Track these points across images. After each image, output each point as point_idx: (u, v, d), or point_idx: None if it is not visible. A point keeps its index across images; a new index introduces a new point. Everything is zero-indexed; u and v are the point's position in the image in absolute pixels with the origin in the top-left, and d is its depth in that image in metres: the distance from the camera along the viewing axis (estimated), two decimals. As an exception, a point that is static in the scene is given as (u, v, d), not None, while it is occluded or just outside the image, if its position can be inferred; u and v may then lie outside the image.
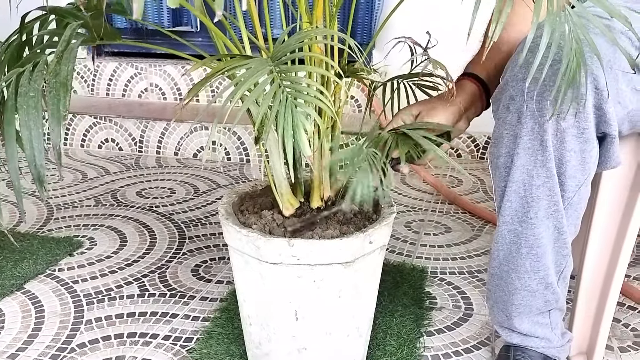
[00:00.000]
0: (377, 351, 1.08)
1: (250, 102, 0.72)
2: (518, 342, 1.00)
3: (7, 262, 1.38)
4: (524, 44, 0.88)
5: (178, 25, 2.44)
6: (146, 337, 1.15)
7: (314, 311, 0.91)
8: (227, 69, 0.73)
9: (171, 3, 0.40)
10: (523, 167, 0.87)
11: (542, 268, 0.92)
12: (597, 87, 0.80)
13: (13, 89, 0.73)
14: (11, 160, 0.69)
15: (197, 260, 1.45)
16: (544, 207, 0.87)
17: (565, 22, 0.63)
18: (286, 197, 0.94)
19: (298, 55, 0.77)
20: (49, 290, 1.31)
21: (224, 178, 2.03)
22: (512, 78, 0.87)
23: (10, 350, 1.11)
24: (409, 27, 1.05)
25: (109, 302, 1.27)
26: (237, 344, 1.10)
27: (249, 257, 0.90)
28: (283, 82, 0.72)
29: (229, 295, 1.28)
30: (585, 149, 0.84)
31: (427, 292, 1.32)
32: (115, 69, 2.48)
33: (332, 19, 0.88)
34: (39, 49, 0.86)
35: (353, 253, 0.88)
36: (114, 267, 1.41)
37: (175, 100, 2.44)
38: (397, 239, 1.57)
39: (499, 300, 0.99)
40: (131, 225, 1.64)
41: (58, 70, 0.67)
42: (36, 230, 1.59)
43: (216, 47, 0.90)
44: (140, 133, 2.27)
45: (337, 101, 0.95)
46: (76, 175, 2.05)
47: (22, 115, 0.70)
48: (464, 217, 1.72)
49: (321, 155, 0.94)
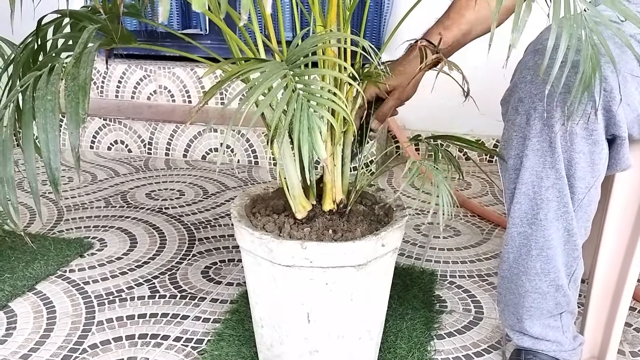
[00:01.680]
0: (387, 354, 1.08)
1: (265, 106, 0.72)
2: (529, 345, 1.00)
3: (18, 262, 1.39)
4: (534, 47, 0.88)
5: (187, 28, 2.45)
6: (157, 338, 1.16)
7: (326, 314, 0.91)
8: (243, 72, 0.73)
9: (196, 6, 0.40)
10: (532, 169, 0.87)
11: (552, 270, 0.92)
12: (605, 89, 0.80)
13: (30, 93, 0.73)
14: (29, 163, 0.69)
15: (207, 262, 1.46)
16: (553, 209, 0.87)
17: (582, 28, 0.63)
18: (299, 200, 0.95)
19: (312, 58, 0.78)
20: (60, 291, 1.32)
21: (233, 180, 2.03)
22: (520, 80, 0.87)
23: (23, 351, 1.12)
24: (417, 30, 1.05)
25: (120, 303, 1.28)
26: (248, 346, 1.10)
27: (261, 259, 0.90)
28: (297, 85, 0.73)
29: (240, 297, 1.29)
30: (594, 150, 0.84)
31: (437, 295, 1.32)
32: (124, 71, 2.49)
33: (346, 23, 0.88)
34: (54, 52, 0.87)
35: (365, 256, 0.88)
36: (125, 269, 1.42)
37: (184, 103, 2.45)
38: (407, 242, 1.57)
39: (509, 303, 0.99)
40: (141, 227, 1.65)
41: (76, 74, 0.67)
42: (47, 232, 1.60)
43: (230, 50, 0.90)
44: (149, 135, 2.28)
45: (350, 104, 0.96)
46: (86, 176, 2.06)
47: (40, 119, 0.70)
48: (473, 221, 1.72)
49: (334, 158, 0.95)
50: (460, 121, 2.22)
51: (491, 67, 1.23)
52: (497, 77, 1.08)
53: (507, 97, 0.90)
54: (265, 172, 2.13)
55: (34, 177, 0.71)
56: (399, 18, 0.97)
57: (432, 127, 2.25)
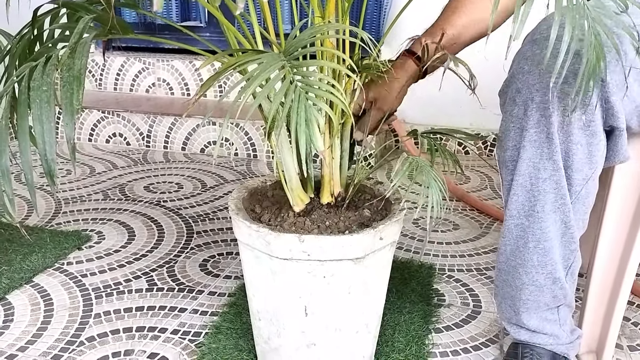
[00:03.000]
0: (385, 347, 1.08)
1: (262, 98, 0.72)
2: (526, 338, 1.00)
3: (16, 255, 1.39)
4: (532, 37, 0.88)
5: (186, 20, 2.44)
6: (155, 331, 1.16)
7: (323, 307, 0.91)
8: (240, 63, 0.73)
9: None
10: (529, 160, 0.86)
11: (549, 263, 0.91)
12: (603, 79, 0.79)
13: (26, 83, 0.73)
14: (24, 154, 0.69)
15: (205, 255, 1.45)
16: (550, 201, 0.87)
17: (584, 18, 0.62)
18: (296, 193, 0.94)
19: (310, 50, 0.77)
20: (58, 283, 1.31)
21: (232, 173, 2.03)
22: (518, 71, 0.86)
23: (20, 343, 1.11)
24: (417, 23, 1.05)
25: (118, 296, 1.27)
26: (246, 339, 1.10)
27: (259, 252, 0.90)
28: (295, 76, 0.72)
29: (237, 290, 1.28)
30: (592, 142, 0.84)
31: (435, 289, 1.31)
32: (123, 64, 2.48)
33: (344, 14, 0.88)
34: (50, 43, 0.86)
35: (363, 249, 0.88)
36: (123, 261, 1.41)
37: (182, 96, 2.44)
38: (405, 236, 1.57)
39: (506, 296, 0.99)
40: (139, 220, 1.64)
41: (71, 64, 0.67)
42: (45, 224, 1.60)
43: (227, 41, 0.89)
44: (147, 128, 2.28)
45: (349, 96, 0.95)
46: (84, 169, 2.05)
47: (35, 110, 0.70)
48: (472, 215, 1.72)
49: (332, 150, 0.94)
50: (460, 115, 2.21)
51: (490, 60, 1.22)
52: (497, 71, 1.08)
53: (504, 88, 0.90)
54: (264, 166, 2.12)
55: (29, 168, 0.70)
56: (399, 10, 0.96)
57: (431, 120, 2.25)
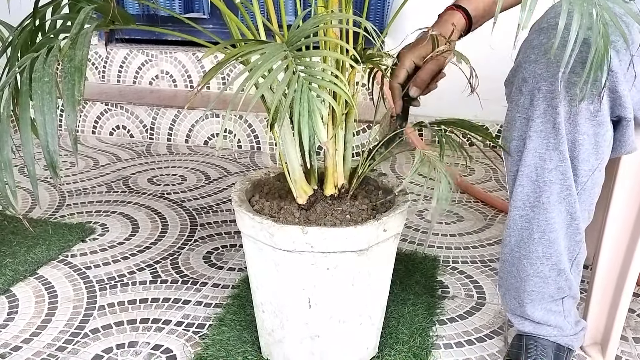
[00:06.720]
0: (389, 339, 1.08)
1: (265, 88, 0.71)
2: (530, 330, 0.99)
3: (20, 247, 1.39)
4: (538, 26, 0.87)
5: (190, 12, 2.42)
6: (159, 323, 1.16)
7: (327, 299, 0.91)
8: (242, 53, 0.72)
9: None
10: (535, 151, 0.85)
11: (554, 254, 0.91)
12: (611, 68, 0.78)
13: (27, 75, 0.72)
14: (26, 146, 0.69)
15: (208, 247, 1.45)
16: (556, 192, 0.86)
17: (592, 5, 0.62)
18: (300, 184, 0.94)
19: (313, 39, 0.76)
20: (62, 275, 1.32)
21: (235, 165, 2.03)
22: (524, 60, 0.85)
23: (24, 335, 1.12)
24: (420, 13, 1.04)
25: (122, 288, 1.27)
26: (250, 331, 1.10)
27: (262, 244, 0.89)
28: (298, 67, 0.71)
29: (241, 282, 1.28)
30: (598, 132, 0.83)
31: (439, 280, 1.31)
32: (126, 56, 2.47)
33: (348, 4, 0.87)
34: (52, 34, 0.86)
35: (367, 241, 0.87)
36: (126, 254, 1.42)
37: (186, 88, 2.44)
38: (409, 228, 1.56)
39: (511, 287, 0.98)
40: (143, 212, 1.64)
41: (72, 55, 0.66)
42: (49, 216, 1.60)
43: (230, 32, 0.89)
44: (151, 120, 2.27)
45: (352, 87, 0.94)
46: (88, 161, 2.05)
47: (37, 101, 0.69)
48: (476, 206, 1.71)
49: (335, 142, 0.93)
50: (464, 106, 2.19)
51: (496, 51, 1.21)
52: (503, 61, 1.07)
53: (510, 77, 0.89)
54: (267, 158, 2.12)
55: (31, 160, 0.70)
56: (402, 0, 0.95)
57: (435, 112, 2.23)
